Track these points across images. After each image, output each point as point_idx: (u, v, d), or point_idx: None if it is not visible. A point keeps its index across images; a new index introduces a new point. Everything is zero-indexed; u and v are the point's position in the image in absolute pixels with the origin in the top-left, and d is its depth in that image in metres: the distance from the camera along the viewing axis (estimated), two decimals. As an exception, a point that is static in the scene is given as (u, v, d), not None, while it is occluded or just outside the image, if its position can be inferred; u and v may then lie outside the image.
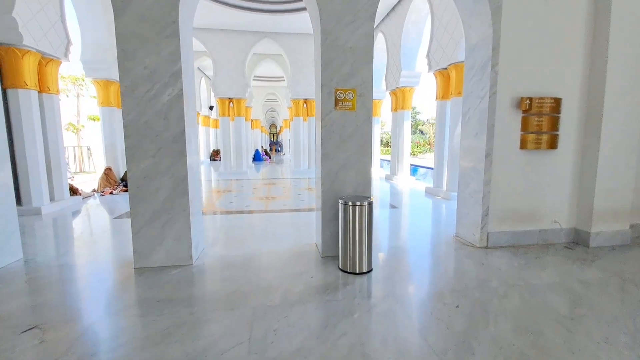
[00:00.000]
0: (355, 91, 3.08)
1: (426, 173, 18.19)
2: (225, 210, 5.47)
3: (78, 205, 6.03)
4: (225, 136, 11.13)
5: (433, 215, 5.34)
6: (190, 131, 3.05)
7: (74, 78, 14.11)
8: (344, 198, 2.89)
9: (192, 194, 3.08)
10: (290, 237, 3.95)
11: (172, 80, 2.83)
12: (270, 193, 7.25)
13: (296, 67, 10.96)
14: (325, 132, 3.09)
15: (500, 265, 3.06)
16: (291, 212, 5.35)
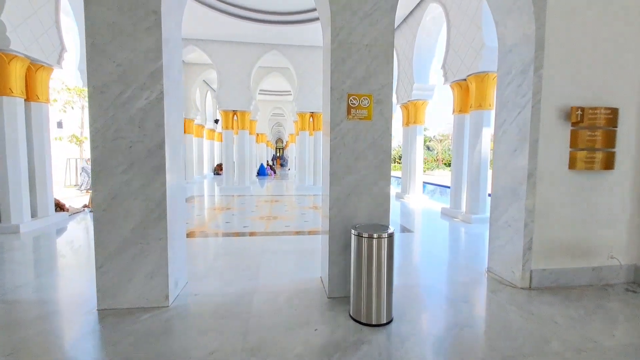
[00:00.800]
0: (371, 97, 2.56)
1: (435, 190, 17.52)
2: (220, 232, 4.90)
3: (64, 222, 5.53)
4: (228, 150, 10.70)
5: (454, 242, 4.70)
6: (172, 143, 2.53)
7: (79, 90, 13.98)
8: (357, 228, 2.31)
9: (172, 220, 2.53)
10: (291, 268, 3.35)
11: (150, 81, 2.34)
12: (272, 212, 6.69)
13: (303, 80, 10.60)
14: (334, 146, 2.55)
15: (555, 315, 2.42)
16: (294, 235, 4.77)
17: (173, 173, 2.54)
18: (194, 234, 4.72)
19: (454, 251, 4.22)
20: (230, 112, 10.52)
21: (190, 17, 8.67)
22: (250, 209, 7.09)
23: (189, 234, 4.71)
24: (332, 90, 2.53)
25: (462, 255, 4.03)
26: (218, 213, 6.49)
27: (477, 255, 3.97)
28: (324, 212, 2.81)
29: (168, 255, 2.45)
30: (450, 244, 4.57)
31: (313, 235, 4.78)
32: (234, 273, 3.18)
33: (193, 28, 9.32)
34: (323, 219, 2.89)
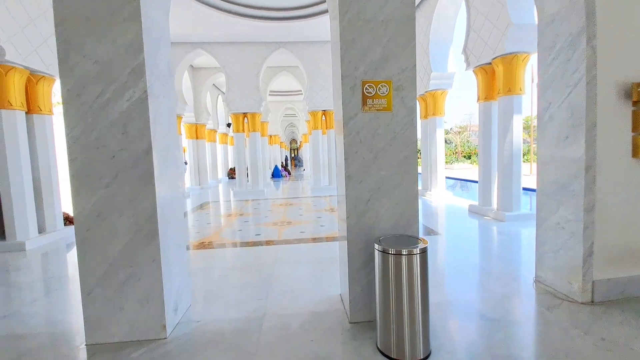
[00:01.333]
0: (390, 83, 2.14)
1: (456, 184, 16.75)
2: (230, 242, 4.59)
3: (73, 236, 5.37)
4: (240, 153, 10.46)
5: (489, 245, 4.21)
6: (161, 149, 2.20)
7: None
8: (381, 242, 1.92)
9: (167, 237, 2.21)
10: (307, 283, 2.98)
11: (131, 79, 2.02)
12: (286, 216, 6.35)
13: (313, 77, 10.23)
14: (349, 144, 2.16)
15: (630, 339, 1.94)
16: (309, 243, 4.40)
17: (164, 182, 2.22)
18: (203, 245, 4.42)
19: (489, 256, 3.74)
20: (240, 115, 10.28)
21: (194, 20, 8.46)
22: (264, 214, 6.78)
23: (198, 246, 4.42)
24: (343, 78, 2.13)
25: (500, 261, 3.55)
26: (230, 220, 6.21)
27: (518, 260, 3.48)
28: (340, 219, 2.43)
29: (163, 279, 2.12)
30: (484, 248, 4.09)
31: (330, 242, 4.39)
32: (243, 291, 2.84)
33: (197, 31, 9.12)
34: (340, 227, 2.51)
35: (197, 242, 4.58)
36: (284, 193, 10.83)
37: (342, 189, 2.27)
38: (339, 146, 2.36)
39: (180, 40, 9.68)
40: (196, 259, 3.87)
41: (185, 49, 9.85)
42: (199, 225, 5.89)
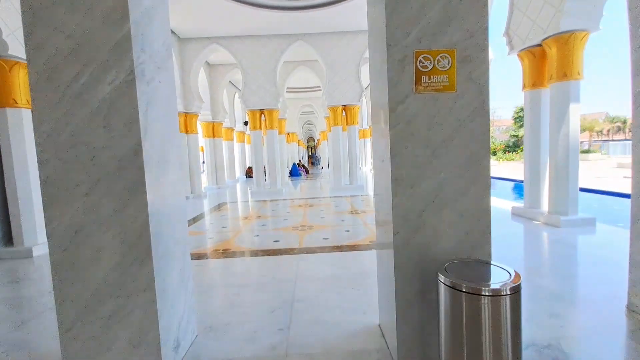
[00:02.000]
0: (453, 54, 1.59)
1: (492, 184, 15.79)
2: (246, 250, 4.15)
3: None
4: (257, 151, 10.08)
5: (550, 258, 3.56)
6: (157, 147, 1.75)
7: None
8: (448, 271, 1.38)
9: (163, 257, 1.75)
10: (336, 309, 2.46)
11: (115, 56, 1.57)
12: (306, 219, 5.87)
13: (333, 71, 9.69)
14: (397, 137, 1.62)
15: None
16: (334, 252, 3.88)
17: (160, 189, 1.76)
18: (216, 254, 4.00)
19: (555, 273, 3.10)
20: (257, 112, 9.89)
21: (209, 14, 8.10)
22: (282, 216, 6.33)
23: (211, 254, 4.00)
24: (389, 48, 1.60)
25: (570, 280, 2.91)
26: (247, 224, 5.78)
27: (594, 279, 2.83)
28: (382, 234, 1.90)
29: (159, 311, 1.67)
30: (545, 261, 3.44)
31: (357, 251, 3.86)
32: (261, 318, 2.36)
33: (213, 25, 8.77)
34: (380, 241, 1.99)
35: (210, 250, 4.17)
36: (303, 193, 10.38)
37: (385, 196, 1.74)
38: (379, 140, 1.83)
39: (195, 35, 9.37)
40: (207, 271, 3.44)
41: (201, 45, 9.54)
42: (213, 229, 5.50)
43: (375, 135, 1.92)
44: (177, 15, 8.20)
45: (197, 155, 10.21)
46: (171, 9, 7.89)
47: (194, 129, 10.08)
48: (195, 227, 5.67)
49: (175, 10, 7.94)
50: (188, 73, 9.62)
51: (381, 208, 1.88)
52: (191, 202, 9.11)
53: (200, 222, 6.15)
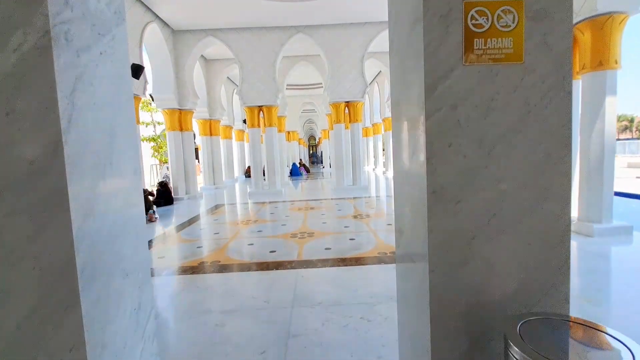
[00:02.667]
0: (521, 6, 1.08)
1: None
2: (236, 263, 3.65)
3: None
4: (255, 150, 9.58)
5: (597, 277, 3.04)
6: (91, 142, 1.24)
7: None
8: (527, 338, 0.86)
9: (104, 296, 1.25)
10: (339, 347, 1.95)
11: (21, 11, 1.06)
12: (307, 224, 5.36)
13: (335, 65, 9.17)
14: (436, 129, 1.11)
15: None
16: (336, 265, 3.38)
17: (96, 202, 1.25)
18: (202, 269, 3.50)
19: (609, 299, 2.59)
20: (255, 108, 9.39)
21: (204, 3, 7.59)
22: (281, 220, 5.84)
23: (197, 269, 3.50)
24: (425, 1, 1.09)
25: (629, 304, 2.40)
26: (242, 229, 5.29)
27: None
28: (411, 272, 1.40)
29: (94, 376, 1.17)
30: (594, 283, 2.92)
31: (364, 265, 3.35)
32: (246, 360, 1.86)
33: (208, 16, 8.26)
34: (405, 279, 1.48)
35: (196, 263, 3.67)
36: (304, 194, 9.88)
37: (416, 216, 1.24)
38: (406, 135, 1.32)
39: (190, 27, 8.87)
40: (188, 291, 2.95)
41: (196, 37, 9.03)
42: (204, 235, 5.01)
43: (399, 127, 1.41)
44: (170, 6, 7.70)
45: (192, 154, 9.72)
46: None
47: (189, 126, 9.58)
48: (185, 234, 5.17)
49: (168, 0, 7.45)
50: (182, 67, 9.12)
51: (408, 232, 1.37)
52: (185, 203, 8.62)
53: (191, 227, 5.66)
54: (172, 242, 4.67)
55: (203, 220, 6.18)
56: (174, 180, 9.31)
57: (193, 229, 5.50)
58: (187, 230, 5.39)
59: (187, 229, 5.49)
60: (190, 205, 8.23)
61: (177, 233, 5.26)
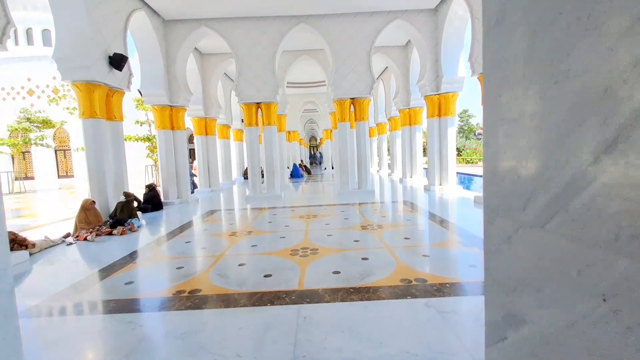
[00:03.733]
0: None
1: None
2: (221, 293, 2.88)
3: (21, 266, 3.88)
4: (253, 150, 8.83)
5: None
6: None
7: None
8: None
9: None
10: None
11: None
12: (309, 237, 4.61)
13: (340, 58, 8.42)
14: None
15: None
16: (349, 299, 2.61)
17: None
18: (176, 302, 2.74)
19: None
20: (253, 106, 8.64)
21: (196, -14, 6.86)
22: (279, 231, 5.08)
23: (167, 303, 2.74)
24: None
25: None
26: (233, 243, 4.53)
27: None
28: None
29: None
30: None
31: (385, 300, 2.59)
32: None
33: (202, 4, 7.51)
34: None
35: (170, 293, 2.91)
36: (305, 198, 9.11)
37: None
38: (523, 110, 0.57)
39: (182, 17, 8.13)
40: (148, 341, 2.19)
41: (188, 28, 8.29)
42: (188, 251, 4.26)
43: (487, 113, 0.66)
44: (158, -9, 6.98)
45: (184, 154, 8.97)
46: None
47: (181, 124, 8.84)
48: (167, 249, 4.42)
49: (156, -15, 6.73)
50: (173, 60, 8.38)
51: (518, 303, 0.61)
52: (176, 209, 7.87)
53: (176, 239, 4.90)
54: (148, 261, 3.92)
55: (191, 231, 5.43)
56: (164, 183, 8.56)
57: (177, 242, 4.74)
58: (170, 244, 4.64)
59: (171, 242, 4.74)
60: (181, 212, 7.47)
61: (157, 247, 4.50)
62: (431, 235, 4.60)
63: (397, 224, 5.30)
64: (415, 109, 11.15)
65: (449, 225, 5.06)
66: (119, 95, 6.48)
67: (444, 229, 4.87)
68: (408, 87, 11.13)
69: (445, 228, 4.93)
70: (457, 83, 8.34)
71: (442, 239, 4.41)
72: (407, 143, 11.59)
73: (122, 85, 6.46)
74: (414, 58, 10.64)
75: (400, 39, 10.49)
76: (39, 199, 12.68)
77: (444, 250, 3.87)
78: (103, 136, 5.96)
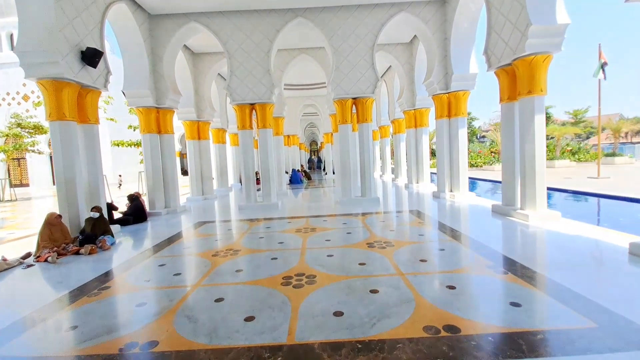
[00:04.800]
0: None
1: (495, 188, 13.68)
2: (185, 349, 2.15)
3: None
4: (247, 156, 8.13)
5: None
6: None
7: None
8: None
9: None
10: None
11: None
12: (305, 259, 3.88)
13: (341, 55, 7.75)
14: None
15: None
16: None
17: None
18: None
19: None
20: (246, 107, 7.96)
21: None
22: (272, 250, 4.35)
23: (114, 360, 2.01)
24: None
25: None
26: (215, 266, 3.81)
27: None
28: None
29: None
30: None
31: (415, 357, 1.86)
32: None
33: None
34: None
35: (118, 347, 2.19)
36: (304, 207, 8.37)
37: None
38: None
39: (170, 11, 7.48)
40: None
41: (175, 23, 7.64)
42: (159, 279, 3.53)
43: None
44: (141, -19, 6.35)
45: (173, 160, 8.27)
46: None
47: (169, 128, 8.14)
48: (134, 276, 3.70)
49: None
50: (160, 58, 7.72)
51: None
52: (161, 221, 7.14)
53: (149, 262, 4.18)
54: (105, 294, 3.18)
55: (170, 249, 4.70)
56: (150, 191, 7.86)
57: (149, 265, 4.02)
58: (140, 268, 3.91)
59: (142, 265, 4.02)
60: (165, 224, 6.75)
61: (123, 273, 3.78)
62: (451, 256, 3.85)
63: (409, 241, 4.56)
64: (421, 110, 10.45)
65: (470, 242, 4.32)
66: (94, 95, 5.80)
67: (464, 247, 4.13)
68: (413, 87, 10.44)
69: (466, 246, 4.19)
70: (469, 80, 7.62)
71: (465, 261, 3.67)
72: (412, 146, 10.87)
73: (97, 84, 5.79)
74: (419, 55, 9.97)
75: (404, 35, 9.83)
76: (27, 207, 11.99)
77: (471, 279, 3.13)
78: (73, 141, 5.26)
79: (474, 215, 6.05)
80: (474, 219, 5.78)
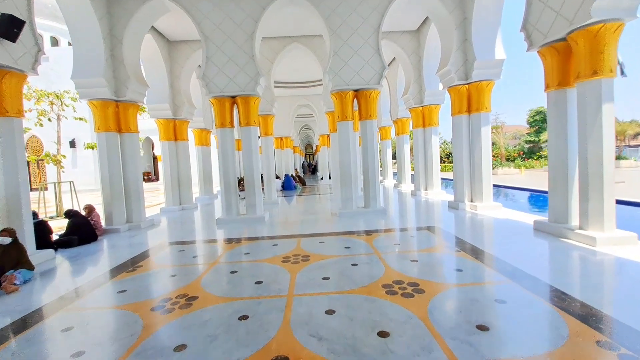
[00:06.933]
0: None
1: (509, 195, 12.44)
2: None
3: None
4: (227, 159, 6.73)
5: None
6: None
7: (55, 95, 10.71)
8: None
9: None
10: None
11: None
12: (289, 323, 2.48)
13: (340, 38, 6.43)
14: None
15: None
16: None
17: None
18: None
19: None
20: (226, 100, 6.58)
21: None
22: (242, 299, 2.95)
23: None
24: None
25: None
26: (146, 335, 2.39)
27: None
28: None
29: None
30: None
31: None
32: None
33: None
34: None
35: None
36: (296, 221, 6.94)
37: None
38: None
39: (129, -18, 6.11)
40: None
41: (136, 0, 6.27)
42: (78, 344, 2.12)
43: None
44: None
45: (137, 165, 6.83)
46: None
47: (132, 125, 6.71)
48: (16, 348, 2.28)
49: None
50: (119, 41, 6.32)
51: None
52: (115, 240, 5.68)
53: (51, 321, 2.76)
54: None
55: (92, 296, 3.28)
56: (106, 203, 6.41)
57: (48, 329, 2.60)
58: (32, 334, 2.49)
59: (37, 329, 2.59)
60: (117, 246, 5.30)
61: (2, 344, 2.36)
62: (520, 315, 2.47)
63: (444, 282, 3.18)
64: (430, 106, 9.15)
65: (534, 284, 2.92)
66: (16, 80, 4.38)
67: (532, 295, 2.74)
68: (421, 81, 9.15)
69: (533, 292, 2.79)
70: (494, 68, 6.30)
71: (549, 324, 2.28)
72: (420, 148, 9.55)
73: (22, 66, 4.37)
74: (428, 44, 8.70)
75: (411, 21, 8.55)
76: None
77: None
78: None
79: (515, 235, 4.66)
80: (521, 243, 4.31)
